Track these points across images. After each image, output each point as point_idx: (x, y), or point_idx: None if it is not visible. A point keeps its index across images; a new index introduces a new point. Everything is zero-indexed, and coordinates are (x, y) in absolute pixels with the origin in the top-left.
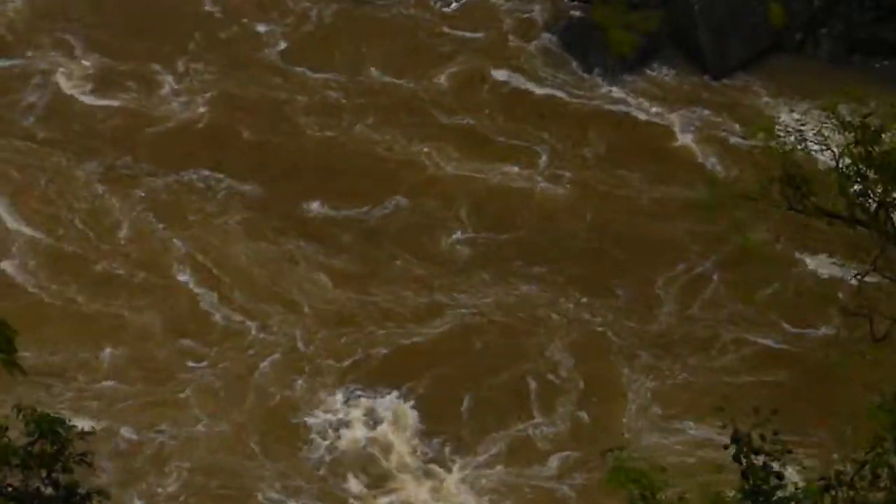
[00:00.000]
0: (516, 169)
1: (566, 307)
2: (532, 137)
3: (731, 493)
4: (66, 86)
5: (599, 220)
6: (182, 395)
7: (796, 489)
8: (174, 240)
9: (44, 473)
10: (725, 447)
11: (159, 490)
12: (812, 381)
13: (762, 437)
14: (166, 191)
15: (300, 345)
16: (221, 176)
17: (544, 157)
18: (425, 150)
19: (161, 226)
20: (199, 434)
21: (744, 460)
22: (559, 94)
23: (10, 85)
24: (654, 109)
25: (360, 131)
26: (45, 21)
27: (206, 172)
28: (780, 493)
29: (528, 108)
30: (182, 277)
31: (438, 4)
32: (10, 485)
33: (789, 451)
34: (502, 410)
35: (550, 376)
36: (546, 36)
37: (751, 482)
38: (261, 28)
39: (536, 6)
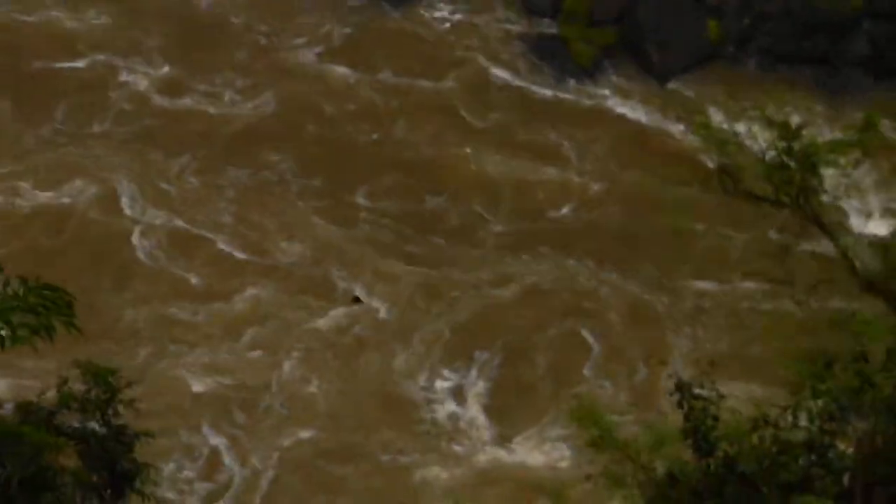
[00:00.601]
0: (545, 164)
1: (609, 282)
2: (549, 134)
3: None
4: (144, 89)
5: (625, 209)
6: (297, 358)
7: (728, 428)
8: (267, 224)
9: (98, 416)
10: (670, 394)
11: (277, 443)
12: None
13: (701, 385)
14: (249, 183)
15: (403, 313)
16: (290, 170)
17: (568, 154)
18: (464, 149)
19: (254, 212)
20: (310, 395)
21: (685, 404)
22: (553, 95)
23: (94, 86)
24: (636, 110)
25: (399, 130)
26: (121, 32)
27: (277, 166)
28: (714, 432)
29: (534, 107)
30: (286, 258)
31: (436, 23)
32: (70, 426)
33: (723, 397)
34: (568, 373)
35: (606, 341)
36: (523, 48)
37: (690, 422)
38: (296, 41)
39: (513, 24)
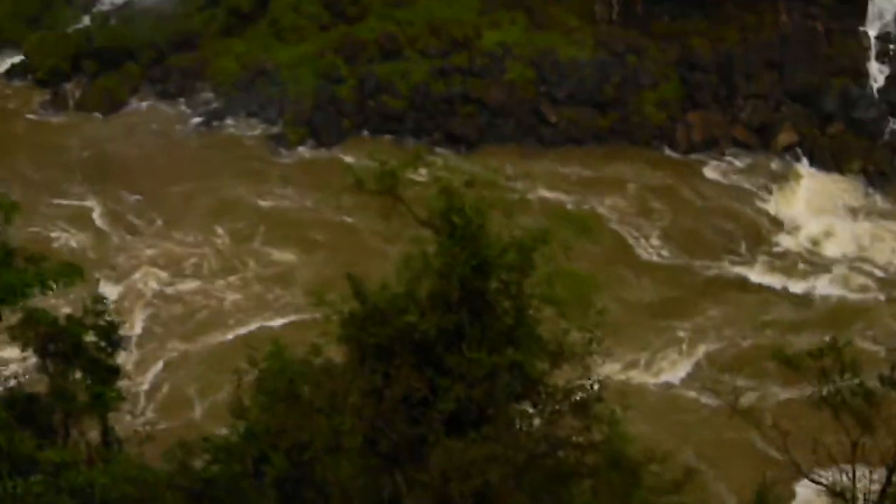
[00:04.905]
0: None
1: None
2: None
3: None
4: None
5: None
6: None
7: (377, 293)
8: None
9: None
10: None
11: None
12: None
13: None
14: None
15: None
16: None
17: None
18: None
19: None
20: None
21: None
22: (282, 159)
23: None
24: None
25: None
26: None
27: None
28: (373, 298)
29: (273, 165)
30: None
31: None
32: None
33: (386, 286)
34: None
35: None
36: (270, 141)
37: (359, 295)
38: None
39: (269, 129)
